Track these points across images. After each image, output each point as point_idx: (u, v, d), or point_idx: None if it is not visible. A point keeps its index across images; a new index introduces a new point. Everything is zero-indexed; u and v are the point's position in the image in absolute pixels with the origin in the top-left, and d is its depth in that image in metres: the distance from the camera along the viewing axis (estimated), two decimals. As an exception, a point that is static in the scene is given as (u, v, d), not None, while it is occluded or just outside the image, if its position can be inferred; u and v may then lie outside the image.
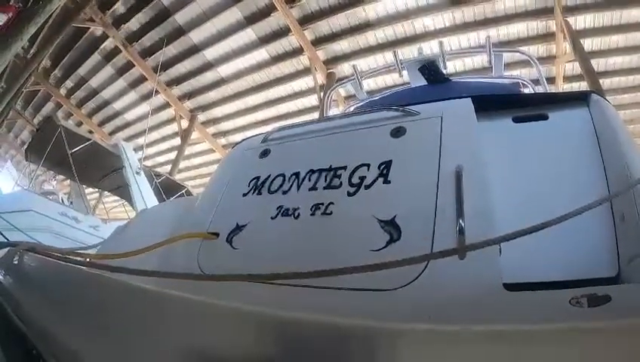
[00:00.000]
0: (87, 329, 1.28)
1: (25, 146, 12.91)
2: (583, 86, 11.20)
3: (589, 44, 11.54)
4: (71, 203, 12.50)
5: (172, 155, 18.04)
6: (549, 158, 1.74)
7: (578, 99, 1.90)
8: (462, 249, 1.32)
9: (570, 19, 11.10)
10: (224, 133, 17.75)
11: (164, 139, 19.00)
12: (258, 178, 1.98)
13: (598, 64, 11.78)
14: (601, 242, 1.47)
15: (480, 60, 11.61)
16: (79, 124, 18.98)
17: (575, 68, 11.89)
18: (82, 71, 16.61)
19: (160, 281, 1.62)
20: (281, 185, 1.88)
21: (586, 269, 1.40)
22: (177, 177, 16.63)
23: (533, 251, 1.47)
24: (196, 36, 14.02)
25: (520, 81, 4.32)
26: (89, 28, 14.28)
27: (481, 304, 1.23)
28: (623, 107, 12.96)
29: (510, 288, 1.24)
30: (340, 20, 12.61)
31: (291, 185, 1.85)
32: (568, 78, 12.59)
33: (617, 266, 1.39)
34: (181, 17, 13.50)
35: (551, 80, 12.15)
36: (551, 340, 0.76)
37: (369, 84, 11.09)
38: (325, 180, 1.78)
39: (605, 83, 12.08)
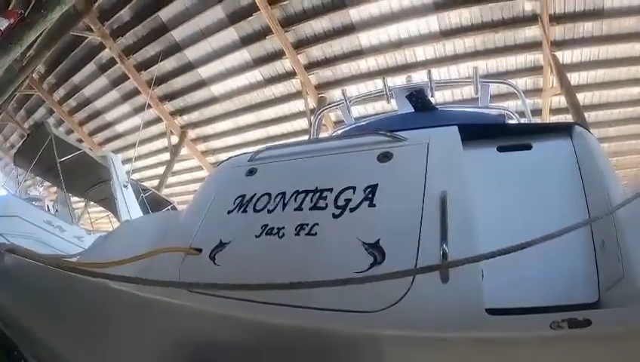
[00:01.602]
0: (67, 330, 1.27)
1: (13, 150, 12.79)
2: (568, 118, 11.34)
3: (575, 77, 11.83)
4: (56, 211, 12.35)
5: (160, 170, 17.97)
6: (532, 187, 1.78)
7: (562, 130, 1.95)
8: (444, 266, 1.34)
9: (558, 54, 11.38)
10: (213, 151, 17.72)
11: (153, 153, 18.89)
12: (244, 196, 1.98)
13: (584, 97, 12.07)
14: (581, 269, 1.51)
15: (468, 91, 11.73)
16: (70, 131, 18.82)
17: (561, 101, 12.11)
18: (77, 79, 16.57)
19: (141, 291, 1.62)
20: (266, 204, 1.88)
21: (567, 295, 1.43)
22: (164, 192, 16.52)
23: (515, 277, 1.49)
24: (192, 54, 14.11)
25: (505, 112, 4.39)
26: (87, 37, 14.30)
27: (463, 327, 1.23)
28: (609, 140, 13.23)
29: (493, 312, 1.25)
30: (333, 47, 12.82)
31: (277, 205, 1.85)
32: (554, 111, 12.82)
33: (597, 292, 1.42)
34: (178, 34, 13.60)
35: (537, 112, 12.38)
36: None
37: (358, 110, 11.17)
38: (311, 201, 1.79)
39: (591, 116, 12.37)
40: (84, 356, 1.17)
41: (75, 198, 14.08)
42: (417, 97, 3.55)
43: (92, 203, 14.40)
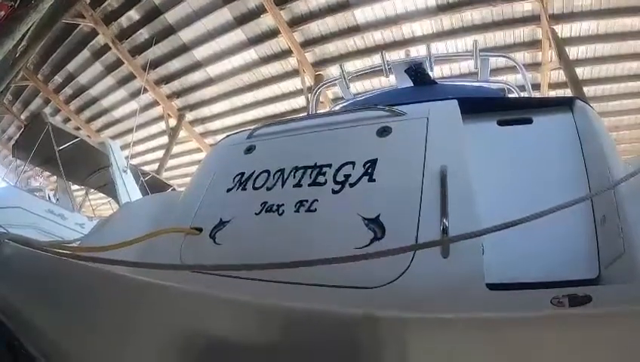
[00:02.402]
0: (67, 319, 1.27)
1: (12, 142, 12.77)
2: (567, 93, 11.29)
3: (574, 52, 11.72)
4: (57, 200, 12.38)
5: (159, 153, 17.97)
6: (533, 161, 1.76)
7: (563, 104, 1.92)
8: (445, 241, 1.34)
9: (557, 27, 11.24)
10: (212, 133, 17.66)
11: (151, 137, 18.86)
12: (243, 174, 1.97)
13: (583, 72, 11.98)
14: (582, 244, 1.49)
15: (466, 66, 11.65)
16: (67, 120, 18.82)
17: (560, 75, 12.04)
18: (71, 67, 16.45)
19: (142, 273, 1.61)
20: (265, 182, 1.87)
21: (567, 271, 1.42)
22: (164, 175, 16.54)
23: (515, 252, 1.49)
24: (186, 35, 13.98)
25: (506, 86, 4.34)
26: (79, 24, 14.16)
27: (464, 302, 1.23)
28: (608, 114, 13.14)
29: (493, 288, 1.25)
30: (329, 23, 12.67)
31: (276, 182, 1.85)
32: (553, 86, 12.74)
33: (598, 268, 1.41)
34: (171, 16, 13.45)
35: (536, 87, 12.29)
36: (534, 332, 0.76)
37: (356, 87, 11.11)
38: (310, 177, 1.78)
39: (590, 90, 12.29)
40: (84, 344, 1.16)
41: (76, 186, 14.11)
42: (416, 71, 3.51)
43: (93, 190, 14.42)
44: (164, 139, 17.68)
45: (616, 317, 0.74)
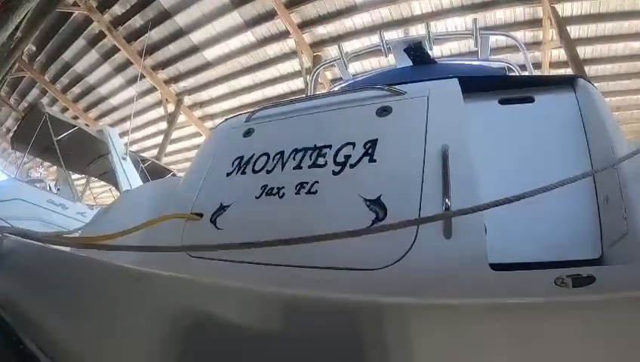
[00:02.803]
0: (67, 312, 1.26)
1: (10, 134, 12.76)
2: (568, 72, 11.18)
3: (575, 31, 11.58)
4: (58, 190, 12.42)
5: (159, 139, 17.95)
6: (535, 140, 1.75)
7: (565, 83, 1.89)
8: (447, 215, 1.34)
9: (557, 6, 11.13)
10: (211, 116, 17.62)
11: (150, 123, 18.85)
12: (242, 157, 1.96)
13: (584, 51, 11.89)
14: (585, 224, 1.49)
15: (466, 45, 11.57)
16: (65, 109, 18.78)
17: (561, 55, 11.93)
18: (67, 56, 16.35)
19: (144, 261, 1.60)
20: (265, 165, 1.86)
21: (570, 251, 1.43)
22: (164, 161, 16.57)
23: (518, 232, 1.49)
24: (182, 20, 13.85)
25: (506, 64, 4.30)
26: (73, 12, 14.04)
27: (467, 282, 1.23)
28: (609, 94, 13.05)
29: (496, 268, 1.25)
30: (326, 4, 12.51)
31: (275, 165, 1.83)
32: (554, 65, 12.62)
33: (601, 248, 1.41)
34: (166, 1, 13.31)
35: (537, 66, 12.18)
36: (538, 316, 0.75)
37: (355, 67, 11.05)
38: (310, 159, 1.77)
39: (591, 70, 12.23)
40: (85, 337, 1.16)
41: (77, 175, 14.14)
42: (416, 50, 3.48)
43: (93, 178, 14.45)
44: (163, 125, 17.62)
45: (620, 300, 0.73)
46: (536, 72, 11.11)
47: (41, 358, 1.15)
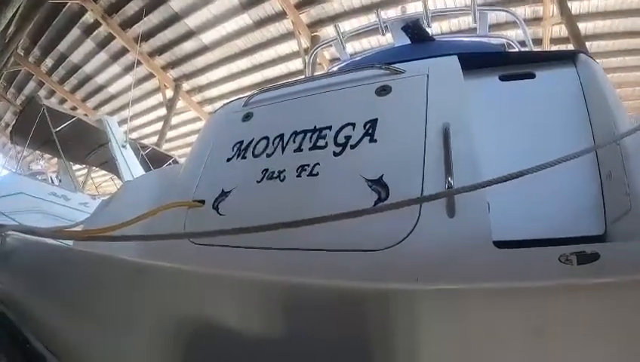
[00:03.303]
0: (72, 309, 1.26)
1: (9, 129, 12.78)
2: (569, 48, 11.05)
3: (576, 7, 11.38)
4: (60, 181, 12.47)
5: (159, 126, 17.89)
6: (536, 117, 1.73)
7: (566, 58, 1.87)
8: (450, 193, 1.34)
9: (558, -19, 10.94)
10: (210, 101, 17.55)
11: (149, 110, 18.80)
12: (242, 142, 1.95)
13: (585, 27, 11.70)
14: (588, 201, 1.48)
15: (465, 21, 11.44)
16: (63, 100, 18.76)
17: (562, 31, 11.75)
18: (62, 47, 16.23)
19: (148, 251, 1.59)
20: (265, 148, 1.86)
21: (574, 227, 1.41)
22: (165, 147, 16.56)
23: (521, 210, 1.49)
24: (176, 4, 13.68)
25: (506, 41, 4.26)
26: (66, 3, 13.91)
27: (471, 261, 1.24)
28: (611, 70, 12.87)
29: (500, 246, 1.25)
30: (323, -18, 12.36)
31: (276, 148, 1.83)
32: (555, 41, 12.43)
33: (604, 225, 1.41)
34: (160, -15, 13.20)
35: (537, 42, 12.00)
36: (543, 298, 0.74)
37: (354, 47, 10.96)
38: (310, 141, 1.76)
39: (592, 46, 12.05)
40: (91, 334, 1.15)
41: (78, 166, 14.17)
42: (413, 28, 3.42)
43: (95, 168, 14.48)
44: (163, 111, 17.57)
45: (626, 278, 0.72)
46: (537, 48, 11.02)
47: (47, 357, 1.15)
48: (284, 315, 0.89)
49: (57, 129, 10.21)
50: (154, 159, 12.69)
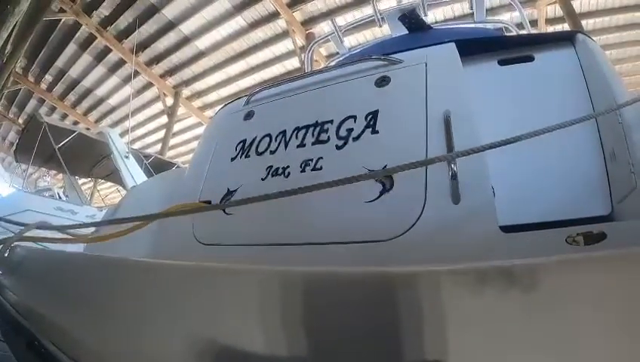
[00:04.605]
0: (86, 313, 1.27)
1: (14, 147, 12.88)
2: (565, 28, 10.97)
3: None
4: (66, 196, 12.53)
5: (161, 134, 17.98)
6: (537, 99, 1.73)
7: (564, 39, 1.87)
8: (451, 156, 1.35)
9: (550, -40, 10.87)
10: (210, 105, 17.60)
11: (151, 118, 18.92)
12: (244, 141, 1.97)
13: (580, 4, 11.63)
14: (593, 181, 1.48)
15: (461, 8, 11.40)
16: (64, 116, 18.92)
17: (557, 10, 11.68)
18: (60, 63, 16.36)
19: (157, 253, 1.60)
20: (268, 146, 1.87)
21: (580, 208, 1.42)
22: (169, 154, 16.65)
23: (526, 193, 1.50)
24: (170, 12, 13.72)
25: (504, 25, 4.25)
26: (61, 19, 13.99)
27: (478, 246, 1.24)
28: (609, 47, 12.81)
29: (506, 230, 1.25)
30: (313, -21, 12.33)
31: (279, 145, 1.84)
32: (550, 21, 12.36)
33: (610, 204, 1.41)
34: (152, -5, 13.22)
35: (533, 23, 11.86)
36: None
37: (350, 41, 10.93)
38: (312, 136, 1.77)
39: (588, 24, 11.99)
40: (107, 337, 1.16)
41: (84, 179, 14.23)
42: (410, 18, 3.42)
43: (100, 180, 14.53)
44: (164, 119, 17.65)
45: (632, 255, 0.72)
46: (533, 30, 10.93)
47: (63, 360, 1.15)
48: (310, 306, 0.89)
49: (59, 145, 10.27)
50: (157, 167, 12.72)
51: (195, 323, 1.01)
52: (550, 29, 12.28)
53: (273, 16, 13.39)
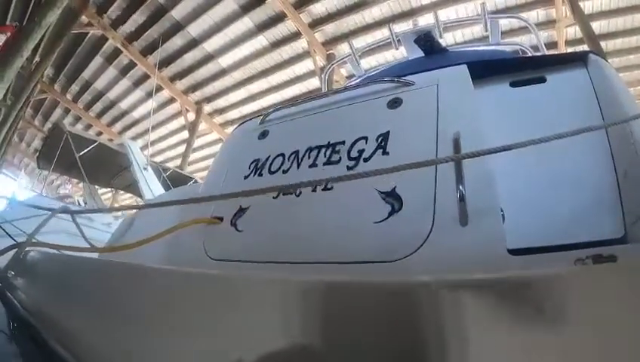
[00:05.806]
0: (96, 317, 1.29)
1: (37, 154, 13.11)
2: (585, 49, 10.85)
3: (588, 6, 11.19)
4: (85, 204, 12.64)
5: (182, 148, 18.06)
6: (549, 121, 1.71)
7: (576, 60, 1.86)
8: (458, 157, 1.38)
9: (568, -18, 10.82)
10: (231, 122, 17.65)
11: (173, 133, 19.04)
12: (258, 160, 1.99)
13: (600, 26, 11.49)
14: (605, 202, 1.45)
15: (479, 30, 11.37)
16: (88, 126, 19.22)
17: (577, 32, 11.51)
18: (86, 75, 16.67)
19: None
20: (281, 165, 1.90)
21: (592, 231, 1.39)
22: (189, 169, 16.69)
23: (536, 216, 1.47)
24: (194, 30, 13.93)
25: (519, 47, 4.24)
26: (88, 32, 14.30)
27: (486, 269, 1.22)
28: (629, 68, 12.63)
29: (515, 253, 1.24)
30: (334, 1, 12.42)
31: (291, 164, 1.86)
32: (570, 42, 12.18)
33: (623, 227, 1.37)
34: (177, 13, 13.39)
35: (553, 45, 11.81)
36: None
37: (370, 62, 10.99)
38: (324, 156, 1.79)
39: (608, 45, 11.82)
40: (116, 341, 1.18)
41: (104, 189, 14.36)
42: (425, 40, 3.44)
43: (120, 191, 14.64)
44: (185, 134, 17.74)
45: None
46: (554, 51, 10.84)
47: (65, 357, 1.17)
48: (318, 315, 0.90)
49: (80, 153, 10.35)
50: (175, 181, 12.78)
51: (201, 331, 1.02)
52: (571, 50, 12.11)
53: (295, 36, 13.50)
